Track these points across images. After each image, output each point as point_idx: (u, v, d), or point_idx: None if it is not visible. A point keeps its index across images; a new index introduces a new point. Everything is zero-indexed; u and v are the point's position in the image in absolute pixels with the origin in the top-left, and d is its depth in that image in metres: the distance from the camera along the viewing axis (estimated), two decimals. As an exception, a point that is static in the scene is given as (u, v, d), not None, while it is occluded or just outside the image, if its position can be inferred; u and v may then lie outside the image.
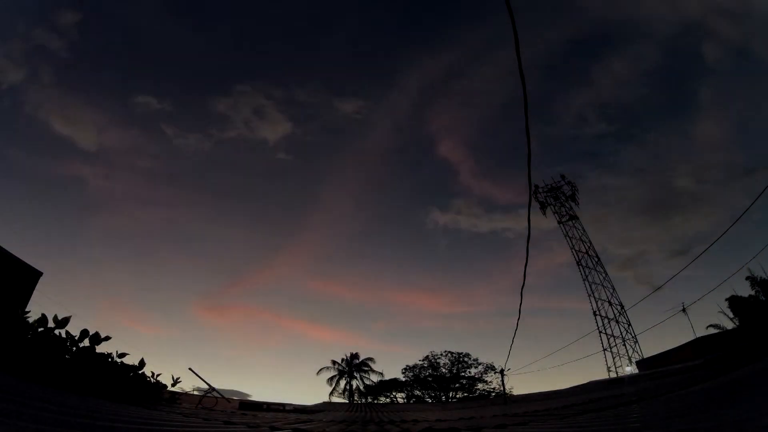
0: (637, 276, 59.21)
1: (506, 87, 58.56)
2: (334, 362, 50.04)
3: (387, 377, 50.35)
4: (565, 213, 44.02)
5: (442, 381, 49.87)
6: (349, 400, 47.49)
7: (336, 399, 47.31)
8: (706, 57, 53.47)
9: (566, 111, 63.49)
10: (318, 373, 49.35)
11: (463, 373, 50.17)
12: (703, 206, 57.31)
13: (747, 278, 27.29)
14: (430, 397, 49.91)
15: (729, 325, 29.03)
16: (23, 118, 54.10)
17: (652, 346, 44.49)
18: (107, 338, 7.73)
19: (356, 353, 50.30)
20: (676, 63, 56.51)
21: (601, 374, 37.83)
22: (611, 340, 39.57)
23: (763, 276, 26.64)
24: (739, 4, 45.47)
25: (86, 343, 7.27)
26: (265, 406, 21.60)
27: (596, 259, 41.99)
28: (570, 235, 43.38)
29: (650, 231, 62.61)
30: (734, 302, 28.63)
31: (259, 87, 71.71)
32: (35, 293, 16.38)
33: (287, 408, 22.87)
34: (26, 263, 15.84)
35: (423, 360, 51.59)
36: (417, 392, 51.07)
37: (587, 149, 64.13)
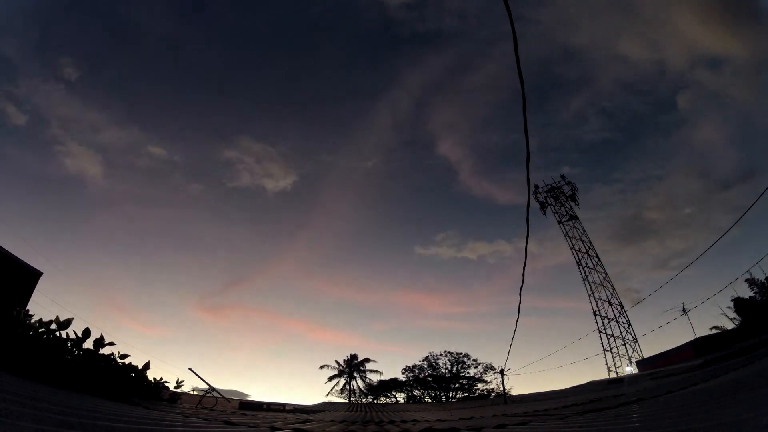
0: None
1: (503, 92, 59.53)
2: (336, 362, 50.15)
3: (387, 377, 50.42)
4: (565, 213, 44.07)
5: (442, 381, 49.87)
6: (349, 400, 47.50)
7: (336, 399, 47.37)
8: (667, 97, 57.92)
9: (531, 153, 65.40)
10: (321, 368, 49.41)
11: (462, 374, 50.19)
12: (676, 229, 60.41)
13: (746, 281, 27.57)
14: (430, 397, 49.92)
15: (729, 326, 29.17)
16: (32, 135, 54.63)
17: (652, 346, 44.67)
18: (111, 343, 7.74)
19: (356, 354, 50.40)
20: (636, 105, 60.77)
21: (601, 374, 37.87)
22: (611, 340, 39.60)
23: (762, 279, 26.87)
24: (702, 58, 50.19)
25: (88, 344, 7.27)
26: (265, 406, 21.63)
27: (596, 259, 42.03)
28: (570, 235, 43.44)
29: (626, 254, 66.54)
30: (738, 303, 28.84)
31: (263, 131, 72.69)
32: (35, 293, 16.38)
33: (287, 408, 22.89)
34: (26, 263, 15.84)
35: (422, 360, 51.64)
36: (417, 392, 51.07)
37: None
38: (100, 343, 7.42)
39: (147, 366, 8.80)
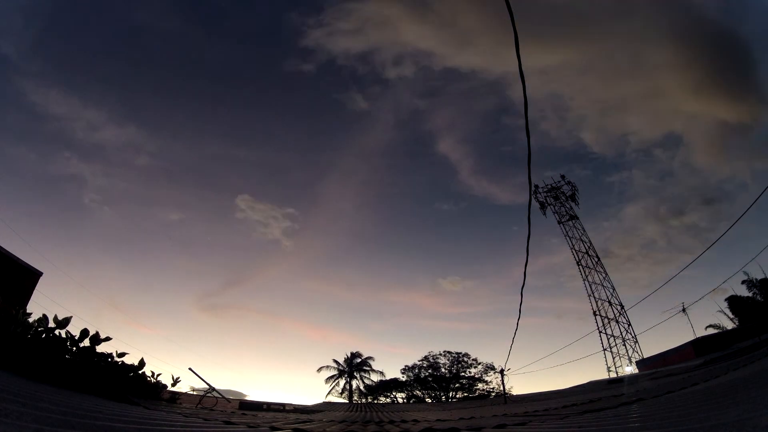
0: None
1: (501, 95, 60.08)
2: (335, 361, 50.11)
3: (387, 377, 50.41)
4: (565, 213, 44.08)
5: (442, 381, 49.87)
6: (349, 399, 47.48)
7: (336, 399, 47.35)
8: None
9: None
10: (318, 370, 49.39)
11: (462, 373, 50.20)
12: (640, 262, 63.93)
13: (743, 282, 27.60)
14: (430, 397, 49.91)
15: (729, 325, 29.19)
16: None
17: (652, 346, 44.68)
18: (107, 339, 7.72)
19: (356, 353, 50.36)
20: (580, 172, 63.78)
21: (601, 374, 37.87)
22: (611, 340, 39.61)
23: (760, 277, 26.90)
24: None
25: (86, 342, 7.26)
26: (265, 406, 21.62)
27: (596, 259, 42.03)
28: (570, 235, 43.44)
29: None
30: (733, 302, 28.80)
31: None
32: (35, 293, 16.39)
33: (287, 408, 22.89)
34: (26, 263, 15.84)
35: (422, 360, 51.63)
36: (417, 392, 51.06)
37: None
38: (96, 339, 7.40)
39: (142, 363, 8.71)
